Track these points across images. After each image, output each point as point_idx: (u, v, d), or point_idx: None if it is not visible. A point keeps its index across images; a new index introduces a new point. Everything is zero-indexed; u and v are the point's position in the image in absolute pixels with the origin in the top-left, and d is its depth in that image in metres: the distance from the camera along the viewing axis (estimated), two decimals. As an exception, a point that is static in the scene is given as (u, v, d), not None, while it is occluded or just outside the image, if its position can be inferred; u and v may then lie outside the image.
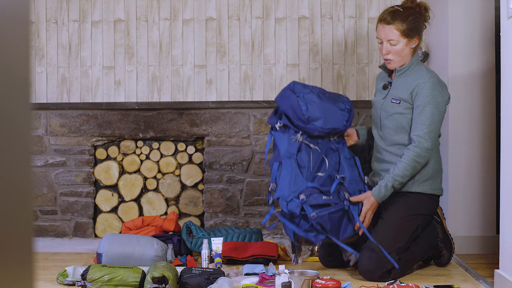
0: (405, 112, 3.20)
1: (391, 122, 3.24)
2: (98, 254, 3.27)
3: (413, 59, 3.26)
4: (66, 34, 4.27)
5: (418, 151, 3.12)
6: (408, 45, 3.22)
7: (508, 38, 2.76)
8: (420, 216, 3.23)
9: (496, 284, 2.88)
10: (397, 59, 3.23)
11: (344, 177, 3.18)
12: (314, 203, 3.06)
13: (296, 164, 3.17)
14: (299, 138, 3.20)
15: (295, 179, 3.14)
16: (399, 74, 3.26)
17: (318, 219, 3.04)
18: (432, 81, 3.16)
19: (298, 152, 3.20)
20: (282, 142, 3.23)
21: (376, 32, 3.28)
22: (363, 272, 3.10)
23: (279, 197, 3.13)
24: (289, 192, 3.11)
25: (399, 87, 3.25)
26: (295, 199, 3.08)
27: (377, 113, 3.34)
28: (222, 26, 4.23)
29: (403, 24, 3.19)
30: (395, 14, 3.21)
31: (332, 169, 3.20)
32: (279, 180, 3.17)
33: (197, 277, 2.90)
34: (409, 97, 3.19)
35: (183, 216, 4.29)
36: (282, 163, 3.19)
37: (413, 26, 3.20)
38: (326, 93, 3.33)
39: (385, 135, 3.28)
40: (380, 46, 3.26)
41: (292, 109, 3.22)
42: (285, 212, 3.09)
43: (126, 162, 4.30)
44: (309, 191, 3.10)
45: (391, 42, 3.21)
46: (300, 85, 3.31)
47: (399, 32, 3.19)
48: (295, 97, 3.24)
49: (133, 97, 4.26)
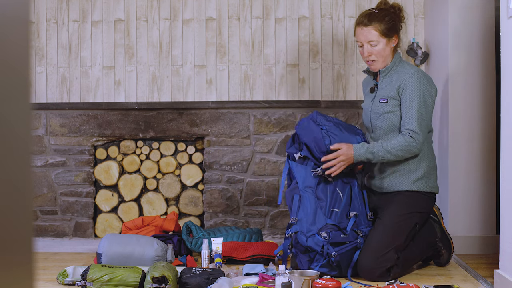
0: (394, 110, 3.23)
1: (382, 122, 3.26)
2: (98, 254, 3.27)
3: (395, 58, 3.30)
4: (66, 34, 4.28)
5: (411, 141, 3.14)
6: (388, 45, 3.27)
7: (508, 38, 2.76)
8: (417, 214, 3.24)
9: (496, 284, 2.88)
10: (380, 60, 3.27)
11: (357, 214, 3.19)
12: (333, 241, 3.08)
13: (316, 199, 3.17)
14: (319, 173, 3.19)
15: (315, 215, 3.14)
16: (383, 75, 3.30)
17: (338, 257, 3.07)
18: (417, 75, 3.20)
19: (317, 185, 3.20)
20: (300, 174, 3.23)
21: (356, 37, 3.33)
22: (362, 272, 3.10)
23: (297, 231, 3.14)
24: (308, 228, 3.12)
25: (385, 87, 3.28)
26: (317, 235, 3.09)
27: (367, 116, 3.37)
28: (222, 26, 4.23)
29: (380, 24, 3.24)
30: (372, 15, 3.27)
31: (345, 204, 3.20)
32: (298, 213, 3.18)
33: (197, 277, 2.90)
34: (396, 93, 3.22)
35: (183, 216, 4.29)
36: (302, 196, 3.19)
37: (390, 26, 3.26)
38: (343, 124, 3.30)
39: (377, 137, 3.30)
40: (361, 50, 3.31)
41: (315, 141, 3.18)
42: (302, 246, 3.11)
43: (126, 162, 4.30)
44: (329, 228, 3.11)
45: (372, 43, 3.25)
46: (322, 117, 3.27)
47: (378, 32, 3.24)
48: (319, 129, 3.20)
49: (133, 97, 4.26)
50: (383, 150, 3.14)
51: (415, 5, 4.18)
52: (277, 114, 4.21)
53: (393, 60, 3.29)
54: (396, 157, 3.16)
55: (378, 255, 3.07)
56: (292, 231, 3.16)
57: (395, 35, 3.28)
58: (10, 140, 0.93)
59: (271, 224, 4.24)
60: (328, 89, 4.20)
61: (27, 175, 0.98)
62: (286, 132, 4.20)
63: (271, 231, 4.23)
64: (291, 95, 4.21)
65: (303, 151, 3.24)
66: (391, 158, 3.16)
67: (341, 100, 4.20)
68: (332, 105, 4.18)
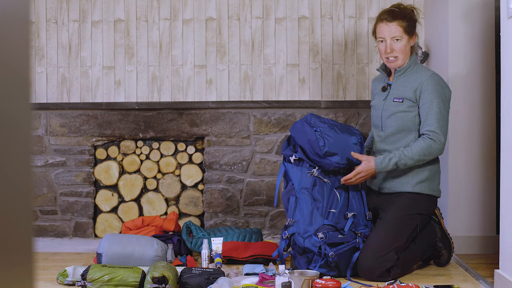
0: (408, 110, 3.22)
1: (394, 121, 3.25)
2: (98, 254, 3.27)
3: (412, 59, 3.32)
4: (66, 34, 4.27)
5: (431, 143, 3.14)
6: (409, 43, 3.30)
7: (508, 38, 2.76)
8: (418, 216, 3.24)
9: (496, 284, 2.88)
10: (401, 56, 3.28)
11: (355, 214, 3.19)
12: (331, 242, 3.08)
13: (312, 200, 3.18)
14: (315, 174, 3.20)
15: (311, 216, 3.15)
16: (399, 74, 3.28)
17: (335, 257, 3.07)
18: (435, 78, 3.21)
19: (313, 186, 3.20)
20: (295, 175, 3.23)
21: (377, 33, 3.31)
22: (362, 272, 3.10)
23: (294, 233, 3.15)
24: (305, 229, 3.13)
25: (400, 87, 3.27)
26: (314, 236, 3.09)
27: (377, 114, 3.35)
28: (222, 26, 4.23)
29: (403, 21, 3.27)
30: (394, 13, 3.29)
31: (343, 205, 3.21)
32: (295, 215, 3.18)
33: (197, 277, 2.90)
34: (413, 95, 3.21)
35: (183, 216, 4.29)
36: (298, 197, 3.20)
37: (412, 23, 3.30)
38: (338, 125, 3.28)
39: (387, 136, 3.29)
40: (381, 46, 3.28)
41: (309, 143, 3.19)
42: (300, 247, 3.11)
43: (126, 162, 4.30)
44: (326, 229, 3.11)
45: (396, 38, 3.26)
46: (317, 118, 3.27)
47: (402, 28, 3.26)
48: (313, 131, 3.20)
49: (133, 97, 4.26)
50: (405, 158, 3.14)
51: (415, 5, 4.18)
52: (277, 114, 4.21)
53: (410, 60, 3.30)
54: (419, 162, 3.17)
55: (378, 255, 3.07)
56: (289, 233, 3.16)
57: (415, 33, 3.31)
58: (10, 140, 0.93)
59: (271, 224, 4.24)
60: (328, 89, 4.20)
61: (27, 175, 0.98)
62: (286, 132, 4.20)
63: (271, 231, 4.23)
64: (291, 95, 4.21)
65: (298, 153, 3.25)
66: (414, 163, 3.16)
67: (341, 100, 4.20)
68: (332, 105, 4.18)
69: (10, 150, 0.94)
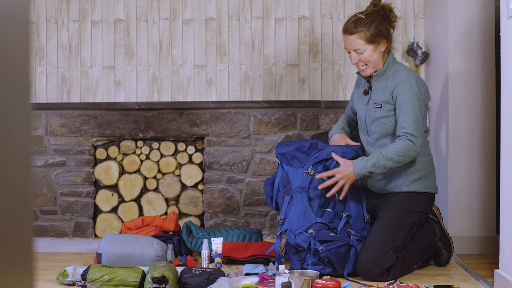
0: (388, 115, 3.22)
1: (377, 127, 3.25)
2: (98, 254, 3.27)
3: (388, 61, 3.26)
4: (66, 34, 4.28)
5: (410, 144, 3.11)
6: (376, 51, 3.22)
7: (508, 38, 2.76)
8: (416, 214, 3.24)
9: (496, 284, 2.88)
10: (370, 65, 3.24)
11: (350, 215, 3.19)
12: (321, 239, 3.09)
13: (307, 199, 3.21)
14: (310, 172, 3.22)
15: (305, 213, 3.17)
16: (376, 78, 3.28)
17: (326, 252, 3.07)
18: (410, 78, 3.17)
19: (310, 184, 3.22)
20: (295, 177, 3.27)
21: (343, 43, 3.30)
22: (361, 271, 3.10)
23: (287, 229, 3.17)
24: (298, 226, 3.15)
25: (379, 91, 3.26)
26: (304, 232, 3.10)
27: (362, 120, 3.36)
28: (222, 26, 4.23)
29: (366, 32, 3.19)
30: (358, 22, 3.21)
31: (340, 205, 3.21)
32: (288, 213, 3.21)
33: (197, 277, 2.90)
34: (390, 98, 3.20)
35: (183, 216, 4.29)
36: (294, 196, 3.23)
37: (377, 32, 3.20)
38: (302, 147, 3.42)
39: (373, 141, 3.29)
40: (349, 56, 3.28)
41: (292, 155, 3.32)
42: (292, 244, 3.12)
43: (126, 162, 4.30)
44: (317, 226, 3.12)
45: (358, 51, 3.22)
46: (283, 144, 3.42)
47: (363, 40, 3.19)
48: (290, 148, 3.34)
49: (133, 97, 4.26)
50: (384, 159, 3.11)
51: (415, 5, 4.18)
52: (277, 114, 4.21)
53: (386, 63, 3.25)
54: (398, 163, 3.13)
55: (377, 255, 3.07)
56: (282, 230, 3.19)
57: (383, 39, 3.22)
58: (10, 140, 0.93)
59: (271, 224, 4.24)
60: (328, 89, 4.20)
61: (27, 175, 0.98)
62: (286, 132, 4.20)
63: (271, 231, 4.23)
64: (291, 95, 4.21)
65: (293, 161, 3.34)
66: (393, 164, 3.13)
67: (341, 100, 4.20)
68: (332, 105, 4.18)
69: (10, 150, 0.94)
